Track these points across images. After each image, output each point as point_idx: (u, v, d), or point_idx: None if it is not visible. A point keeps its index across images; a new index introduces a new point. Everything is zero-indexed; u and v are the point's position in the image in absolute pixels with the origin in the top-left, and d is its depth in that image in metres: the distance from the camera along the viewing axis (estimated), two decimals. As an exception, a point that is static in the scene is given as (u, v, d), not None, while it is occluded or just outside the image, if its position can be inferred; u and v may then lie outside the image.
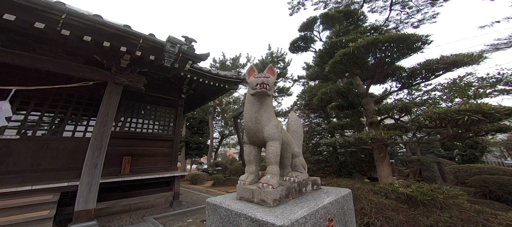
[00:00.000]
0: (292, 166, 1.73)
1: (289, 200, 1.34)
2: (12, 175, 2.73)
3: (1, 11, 2.04)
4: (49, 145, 3.17)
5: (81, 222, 2.59)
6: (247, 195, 1.37)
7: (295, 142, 1.87)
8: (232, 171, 9.76)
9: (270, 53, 13.08)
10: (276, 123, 1.49)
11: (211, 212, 1.46)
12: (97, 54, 3.18)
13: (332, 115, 6.85)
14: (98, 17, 2.64)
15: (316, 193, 1.59)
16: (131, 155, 4.37)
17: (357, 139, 3.28)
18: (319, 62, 5.18)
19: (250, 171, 1.55)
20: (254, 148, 1.59)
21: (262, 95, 1.37)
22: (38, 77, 3.00)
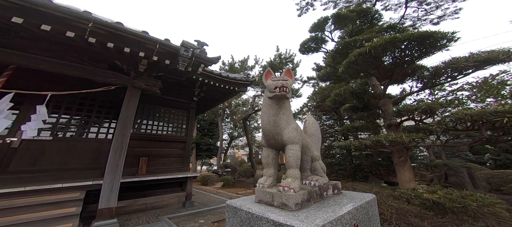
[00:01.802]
0: (312, 170, 1.71)
1: (311, 204, 1.33)
2: (45, 173, 2.97)
3: (39, 22, 2.23)
4: (76, 146, 3.40)
5: (104, 220, 2.73)
6: (266, 198, 1.38)
7: (313, 145, 1.87)
8: (241, 173, 9.78)
9: (278, 54, 13.03)
10: (295, 126, 1.48)
11: (231, 214, 1.48)
12: (118, 60, 3.36)
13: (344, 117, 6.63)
14: (119, 24, 2.79)
15: (338, 198, 1.55)
16: (147, 156, 4.54)
17: (374, 142, 3.13)
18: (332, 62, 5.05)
19: (268, 174, 1.56)
20: (272, 151, 1.60)
21: (281, 98, 1.37)
22: (67, 82, 3.25)
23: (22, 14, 2.14)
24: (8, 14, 2.08)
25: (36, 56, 2.70)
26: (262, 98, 12.32)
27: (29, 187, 2.58)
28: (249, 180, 9.11)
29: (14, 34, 2.53)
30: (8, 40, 2.52)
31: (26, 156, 2.89)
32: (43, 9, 2.19)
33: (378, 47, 3.26)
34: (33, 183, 2.73)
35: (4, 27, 2.34)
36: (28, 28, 2.26)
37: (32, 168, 2.89)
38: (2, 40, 2.50)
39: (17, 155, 2.83)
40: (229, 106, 13.12)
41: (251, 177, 9.40)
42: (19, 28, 2.30)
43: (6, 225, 2.14)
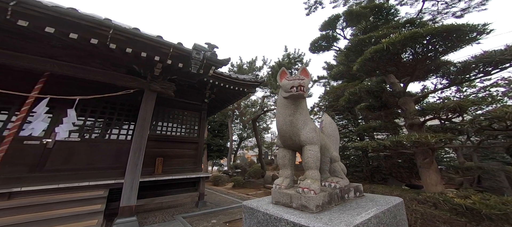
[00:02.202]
0: (331, 171, 1.66)
1: (332, 207, 1.29)
2: (74, 172, 3.22)
3: (68, 31, 2.41)
4: (100, 147, 3.62)
5: (125, 217, 2.87)
6: (284, 199, 1.36)
7: (332, 146, 1.80)
8: (251, 174, 9.77)
9: (286, 54, 12.89)
10: (313, 126, 1.45)
11: (248, 215, 1.48)
12: (135, 64, 3.53)
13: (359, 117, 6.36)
14: (136, 30, 2.93)
15: (361, 201, 1.48)
16: (162, 157, 4.70)
17: (394, 143, 2.94)
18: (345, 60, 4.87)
19: (285, 175, 1.54)
20: (289, 152, 1.58)
21: (298, 98, 1.34)
22: (91, 87, 3.49)
23: (54, 23, 2.32)
24: (43, 24, 2.28)
25: (66, 63, 2.93)
26: (271, 99, 12.24)
27: (62, 184, 2.82)
28: (259, 181, 9.07)
29: (47, 43, 2.76)
30: (42, 49, 2.77)
31: (58, 156, 3.15)
32: (71, 18, 2.37)
33: (396, 43, 3.08)
34: (65, 181, 2.96)
35: (38, 37, 2.57)
36: (58, 36, 2.45)
37: (63, 167, 3.14)
38: (38, 49, 2.75)
39: (51, 155, 3.10)
40: (238, 107, 13.22)
41: (261, 178, 9.36)
42: (51, 37, 2.51)
43: (43, 219, 2.34)
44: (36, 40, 2.66)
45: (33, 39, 2.65)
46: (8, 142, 2.48)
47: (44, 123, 2.61)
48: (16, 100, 2.98)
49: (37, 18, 2.21)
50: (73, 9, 2.41)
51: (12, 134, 2.54)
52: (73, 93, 3.07)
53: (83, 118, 3.72)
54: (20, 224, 2.21)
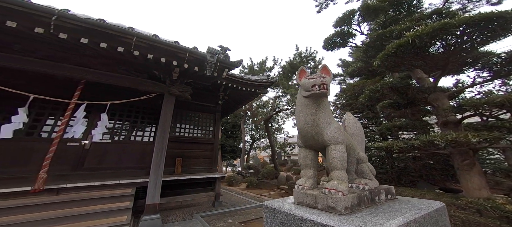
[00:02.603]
0: (358, 173, 1.59)
1: (362, 209, 1.23)
2: (107, 171, 3.52)
3: (99, 41, 2.63)
4: (127, 148, 3.90)
5: (150, 215, 3.02)
6: (307, 200, 1.34)
7: (358, 146, 1.71)
8: (264, 174, 9.72)
9: (298, 53, 12.64)
10: (337, 125, 1.40)
11: (269, 215, 1.48)
12: (156, 70, 3.72)
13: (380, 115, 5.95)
14: (156, 37, 3.08)
15: (394, 204, 1.38)
16: (181, 157, 4.88)
17: (425, 143, 2.67)
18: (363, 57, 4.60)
19: (308, 176, 1.52)
20: (311, 152, 1.55)
21: (320, 97, 1.31)
22: (118, 93, 3.77)
23: (87, 34, 2.55)
24: (78, 36, 2.51)
25: (98, 71, 3.21)
26: (283, 99, 12.08)
27: (98, 182, 3.09)
28: (273, 181, 8.99)
29: (82, 54, 3.06)
30: (78, 59, 3.07)
31: (94, 156, 3.47)
32: (100, 28, 2.58)
33: (423, 36, 2.82)
34: (99, 179, 3.24)
35: (75, 48, 2.84)
36: (91, 46, 2.69)
37: (98, 166, 3.45)
38: (75, 59, 3.05)
39: (88, 155, 3.43)
40: (250, 108, 13.27)
41: (275, 179, 9.26)
42: (85, 47, 2.76)
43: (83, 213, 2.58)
44: (73, 51, 2.95)
45: (71, 50, 2.94)
46: (56, 144, 2.81)
47: (82, 126, 2.92)
48: (60, 106, 3.36)
49: (73, 30, 2.45)
50: (101, 19, 2.62)
51: (59, 136, 2.87)
52: (104, 99, 3.36)
53: (113, 121, 4.03)
54: (65, 217, 2.47)
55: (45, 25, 2.28)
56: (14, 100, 2.91)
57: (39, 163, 2.73)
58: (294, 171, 10.75)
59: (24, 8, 2.15)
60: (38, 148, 3.04)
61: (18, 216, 2.29)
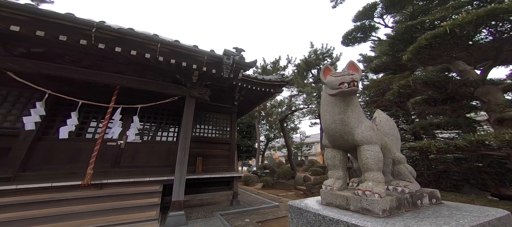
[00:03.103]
0: (395, 174, 1.48)
1: (402, 213, 1.15)
2: (138, 169, 3.87)
3: (130, 49, 2.87)
4: (154, 147, 4.23)
5: (176, 211, 3.19)
6: (337, 201, 1.31)
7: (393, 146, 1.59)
8: (280, 175, 9.61)
9: (313, 50, 12.26)
10: (369, 124, 1.33)
11: (295, 215, 1.47)
12: (177, 74, 3.93)
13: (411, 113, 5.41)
14: (177, 42, 3.24)
15: (441, 209, 1.25)
16: (201, 156, 5.08)
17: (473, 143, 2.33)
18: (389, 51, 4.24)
19: (336, 177, 1.48)
20: (339, 152, 1.50)
21: (349, 95, 1.26)
22: (146, 97, 4.08)
23: (120, 43, 2.80)
24: (114, 45, 2.78)
25: (130, 77, 3.52)
26: (298, 97, 11.81)
27: (132, 178, 3.38)
28: (289, 182, 8.83)
29: (116, 61, 3.39)
30: (113, 66, 3.41)
31: (128, 154, 3.85)
32: (130, 37, 2.81)
33: (465, 24, 2.49)
34: (132, 176, 3.54)
35: (110, 56, 3.16)
36: (124, 54, 2.95)
37: (131, 164, 3.81)
38: (111, 67, 3.40)
39: (124, 154, 3.82)
40: (264, 108, 13.26)
41: (291, 179, 9.08)
42: (119, 56, 3.04)
43: (119, 208, 2.86)
44: (109, 59, 3.29)
45: (107, 59, 3.29)
46: (99, 144, 3.17)
47: (119, 128, 3.27)
48: (101, 110, 3.77)
49: (109, 40, 2.72)
50: (131, 28, 2.86)
51: (101, 137, 3.23)
52: (136, 102, 3.67)
53: (142, 123, 4.39)
54: (107, 210, 2.78)
55: (88, 37, 2.57)
56: (66, 105, 3.39)
57: (86, 161, 3.10)
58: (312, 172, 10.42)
59: (71, 23, 2.45)
60: (85, 147, 3.47)
61: (71, 207, 2.64)
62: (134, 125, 3.31)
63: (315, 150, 23.12)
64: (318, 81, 13.14)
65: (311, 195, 6.43)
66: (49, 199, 2.66)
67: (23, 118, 2.89)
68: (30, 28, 2.32)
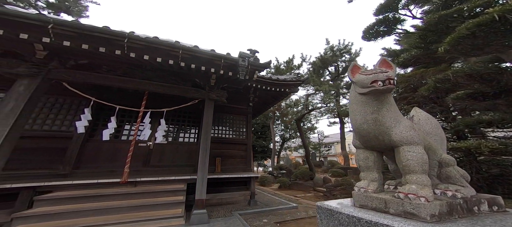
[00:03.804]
0: (442, 178, 1.35)
1: (455, 219, 1.05)
2: (164, 168, 4.19)
3: (156, 56, 3.09)
4: (178, 148, 4.51)
5: (199, 209, 3.33)
6: (374, 204, 1.26)
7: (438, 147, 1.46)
8: (298, 176, 9.39)
9: (329, 47, 11.75)
10: (409, 124, 1.24)
11: (325, 216, 1.45)
12: (197, 78, 4.12)
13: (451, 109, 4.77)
14: (197, 47, 3.39)
15: (505, 218, 1.09)
16: (220, 157, 5.23)
17: None
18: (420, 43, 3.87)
19: (371, 179, 1.41)
20: (373, 154, 1.43)
21: (383, 93, 1.20)
22: (170, 100, 4.37)
23: (147, 51, 3.03)
24: (142, 53, 3.02)
25: (156, 83, 3.80)
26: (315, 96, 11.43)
27: (160, 177, 3.65)
28: (308, 183, 8.57)
29: (144, 68, 3.70)
30: (142, 73, 3.73)
31: (156, 155, 4.20)
32: (156, 45, 3.03)
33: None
34: (160, 175, 3.81)
35: (139, 64, 3.46)
36: (151, 62, 3.19)
37: (159, 164, 4.15)
38: (140, 74, 3.72)
39: (152, 154, 4.18)
40: (279, 108, 13.12)
41: (310, 180, 8.81)
42: (146, 63, 3.31)
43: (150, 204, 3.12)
44: (138, 67, 3.61)
45: (137, 67, 3.61)
46: (133, 145, 3.52)
47: (149, 130, 3.58)
48: (133, 114, 4.15)
49: (139, 49, 2.97)
50: (156, 37, 3.08)
51: (134, 139, 3.59)
52: (161, 106, 3.97)
53: (167, 125, 4.67)
54: (140, 206, 3.06)
55: (121, 47, 2.85)
56: (106, 110, 3.81)
57: (123, 160, 3.46)
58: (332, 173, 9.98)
59: (107, 35, 2.74)
60: (122, 148, 3.85)
61: (112, 202, 2.97)
62: (162, 128, 3.59)
63: (335, 150, 22.05)
64: (336, 79, 12.53)
65: (332, 197, 6.15)
66: (95, 194, 3.04)
67: (76, 122, 3.35)
68: (77, 42, 2.66)
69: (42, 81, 2.90)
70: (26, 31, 2.41)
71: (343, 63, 12.01)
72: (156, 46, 3.03)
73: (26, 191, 2.96)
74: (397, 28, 5.61)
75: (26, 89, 2.74)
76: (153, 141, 4.10)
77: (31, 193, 2.97)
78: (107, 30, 2.72)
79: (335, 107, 11.95)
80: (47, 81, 2.99)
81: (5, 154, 2.49)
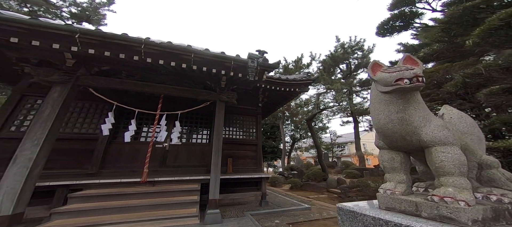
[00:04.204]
0: (483, 180, 1.26)
1: (502, 226, 0.98)
2: (179, 168, 4.35)
3: (170, 60, 3.21)
4: (191, 149, 4.67)
5: (212, 209, 3.39)
6: (403, 207, 1.20)
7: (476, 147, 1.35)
8: (310, 176, 9.18)
9: (340, 45, 11.37)
10: (441, 123, 1.17)
11: (346, 218, 1.42)
12: (208, 80, 4.22)
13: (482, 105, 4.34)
14: (207, 50, 3.47)
15: None
16: (231, 157, 5.30)
17: None
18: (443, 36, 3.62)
19: (398, 180, 1.34)
20: (399, 154, 1.36)
21: (409, 91, 1.15)
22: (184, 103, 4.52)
23: (162, 56, 3.16)
24: (157, 58, 3.15)
25: (171, 87, 3.95)
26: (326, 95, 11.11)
27: (176, 177, 3.79)
28: (321, 184, 8.35)
29: (159, 73, 3.87)
30: (157, 77, 3.91)
31: (171, 155, 4.39)
32: (170, 50, 3.14)
33: None
34: (176, 175, 3.96)
35: (155, 69, 3.64)
36: (165, 66, 3.32)
37: (174, 164, 4.33)
38: (156, 78, 3.90)
39: (168, 155, 4.37)
40: (288, 108, 12.96)
41: (323, 181, 8.57)
42: (160, 67, 3.47)
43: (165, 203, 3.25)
44: (153, 71, 3.78)
45: (153, 72, 3.79)
46: (151, 146, 3.70)
47: (165, 132, 3.76)
48: (150, 117, 4.35)
49: (154, 54, 3.10)
50: (169, 42, 3.21)
51: (152, 140, 3.77)
52: (176, 109, 4.12)
53: (181, 127, 4.84)
54: (158, 205, 3.21)
55: (138, 52, 3.01)
56: (125, 114, 4.06)
57: (142, 161, 3.66)
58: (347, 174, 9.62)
59: (126, 41, 2.91)
60: (141, 149, 4.07)
61: (133, 201, 3.16)
62: (176, 129, 3.74)
63: (349, 150, 21.20)
64: (348, 76, 12.05)
65: (347, 199, 5.92)
66: (118, 193, 3.26)
67: (101, 125, 3.61)
68: (101, 50, 2.86)
69: (72, 87, 3.17)
70: (57, 41, 2.64)
71: (356, 61, 11.55)
72: (170, 50, 3.15)
73: (61, 188, 3.26)
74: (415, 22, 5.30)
75: (59, 95, 3.01)
76: (169, 142, 4.29)
77: (66, 190, 3.27)
78: (125, 37, 2.89)
79: (348, 106, 11.50)
80: (76, 87, 3.26)
81: (45, 155, 2.76)
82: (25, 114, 3.89)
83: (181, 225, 2.96)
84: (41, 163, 2.68)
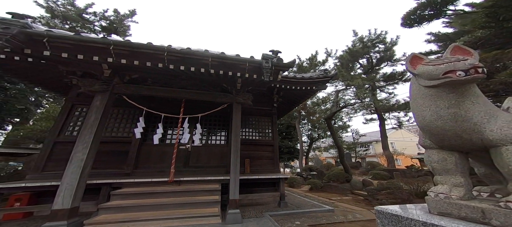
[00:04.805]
0: None
1: None
2: (201, 168, 4.59)
3: (190, 66, 3.36)
4: (211, 150, 4.87)
5: (233, 209, 3.45)
6: (464, 213, 1.07)
7: None
8: (331, 177, 8.74)
9: (358, 39, 10.62)
10: (511, 118, 1.01)
11: (388, 222, 1.33)
12: (225, 83, 4.33)
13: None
14: (223, 54, 3.54)
15: None
16: (249, 158, 5.34)
17: None
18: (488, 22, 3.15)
19: (454, 183, 1.20)
20: (453, 155, 1.20)
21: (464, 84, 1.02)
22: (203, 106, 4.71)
23: (183, 62, 3.33)
24: (178, 65, 3.34)
25: (191, 91, 4.18)
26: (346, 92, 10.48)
27: (199, 177, 3.97)
28: (344, 185, 7.86)
29: (180, 78, 4.11)
30: (179, 82, 4.16)
31: (193, 156, 4.66)
32: (189, 55, 3.30)
33: None
34: (198, 175, 4.16)
35: (175, 74, 3.87)
36: (186, 71, 3.50)
37: (196, 164, 4.59)
38: (177, 83, 4.15)
39: (191, 156, 4.65)
40: (304, 107, 12.56)
41: (346, 183, 8.07)
42: (182, 73, 3.66)
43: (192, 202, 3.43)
44: (175, 77, 4.03)
45: (175, 77, 4.04)
46: (176, 148, 3.98)
47: (187, 134, 4.01)
48: (174, 120, 4.66)
49: (176, 60, 3.29)
50: (189, 48, 3.38)
51: (176, 142, 4.05)
52: (197, 112, 4.33)
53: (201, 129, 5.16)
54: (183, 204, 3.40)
55: (162, 60, 3.23)
56: (152, 118, 4.38)
57: (168, 161, 3.93)
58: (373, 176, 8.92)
59: (151, 50, 3.14)
60: (167, 150, 4.39)
61: (162, 199, 3.42)
62: (198, 131, 3.94)
63: (374, 150, 19.54)
64: (370, 71, 11.16)
65: (375, 202, 5.47)
66: (150, 191, 3.55)
67: (134, 129, 3.97)
68: (131, 59, 3.15)
69: (110, 95, 3.57)
70: (96, 53, 3.00)
71: (377, 54, 10.64)
72: (189, 56, 3.32)
73: (105, 186, 3.69)
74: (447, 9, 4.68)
75: (101, 103, 3.42)
76: (191, 143, 4.54)
77: (109, 188, 3.68)
78: (150, 46, 3.14)
79: (371, 102, 10.62)
80: (113, 95, 3.66)
81: (93, 156, 3.18)
82: (75, 120, 4.58)
83: (205, 224, 3.07)
84: (90, 163, 3.11)
